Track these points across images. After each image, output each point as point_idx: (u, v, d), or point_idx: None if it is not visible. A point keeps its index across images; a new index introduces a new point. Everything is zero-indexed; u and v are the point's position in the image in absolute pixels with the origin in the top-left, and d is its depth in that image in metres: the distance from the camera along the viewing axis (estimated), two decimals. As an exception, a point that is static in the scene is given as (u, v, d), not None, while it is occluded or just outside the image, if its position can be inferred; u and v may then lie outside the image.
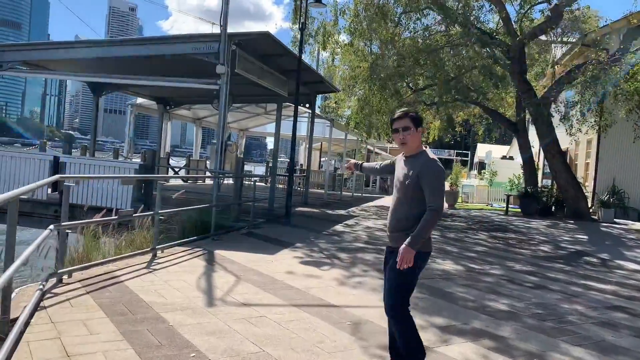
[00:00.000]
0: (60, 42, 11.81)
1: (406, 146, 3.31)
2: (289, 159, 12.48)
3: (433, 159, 3.24)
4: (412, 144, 3.29)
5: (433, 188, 3.15)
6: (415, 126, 3.28)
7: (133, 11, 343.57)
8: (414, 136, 3.27)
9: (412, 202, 3.22)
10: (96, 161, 11.46)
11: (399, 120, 3.31)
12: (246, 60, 11.95)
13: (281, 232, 10.40)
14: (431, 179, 3.17)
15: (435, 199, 3.14)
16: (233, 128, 28.82)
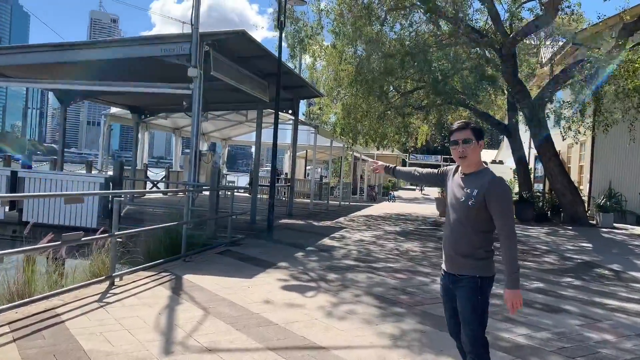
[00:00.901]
0: (18, 46, 10.82)
1: (465, 160, 3.00)
2: (271, 167, 11.54)
3: (500, 177, 2.93)
4: (472, 158, 2.99)
5: (503, 210, 2.88)
6: (477, 139, 3.00)
7: (115, 22, 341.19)
8: (475, 150, 2.99)
9: (475, 224, 2.92)
10: (57, 175, 10.43)
11: (460, 132, 3.03)
12: (221, 62, 11.01)
13: (262, 249, 9.44)
14: (501, 200, 2.88)
15: (508, 221, 2.88)
16: (215, 137, 27.81)
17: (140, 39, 10.44)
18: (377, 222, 16.43)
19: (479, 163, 3.00)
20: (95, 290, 5.86)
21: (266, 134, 28.05)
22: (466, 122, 3.09)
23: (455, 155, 3.03)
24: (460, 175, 3.06)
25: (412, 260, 9.07)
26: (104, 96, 15.93)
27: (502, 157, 34.27)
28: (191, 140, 10.48)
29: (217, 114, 21.62)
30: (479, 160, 3.00)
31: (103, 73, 11.75)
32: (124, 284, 6.26)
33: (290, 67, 13.96)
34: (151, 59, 11.02)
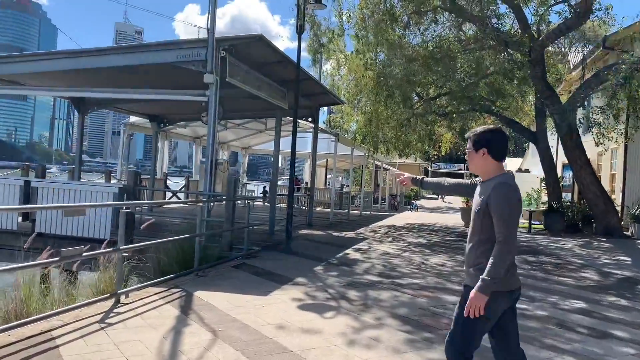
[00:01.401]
0: (33, 54, 10.62)
1: (473, 171, 3.03)
2: (289, 177, 11.10)
3: (504, 182, 2.81)
4: (475, 168, 2.99)
5: (500, 215, 2.75)
6: (475, 148, 2.94)
7: (140, 34, 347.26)
8: (475, 159, 2.95)
9: (481, 233, 2.85)
10: (70, 185, 10.16)
11: (466, 143, 3.09)
12: (238, 68, 10.65)
13: (279, 262, 8.98)
14: (498, 204, 2.76)
15: (503, 228, 2.73)
16: (235, 146, 27.57)
17: (156, 45, 10.14)
18: (400, 232, 15.86)
19: (490, 171, 2.91)
20: (99, 308, 5.46)
21: (286, 142, 27.84)
22: (471, 132, 3.06)
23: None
24: (479, 184, 3.04)
25: (440, 275, 8.50)
26: (122, 105, 15.73)
27: (528, 165, 33.30)
28: (207, 148, 10.11)
29: (237, 123, 21.37)
30: (488, 168, 2.92)
31: (118, 81, 11.51)
32: (131, 301, 5.85)
33: (311, 73, 13.57)
34: (167, 66, 10.72)
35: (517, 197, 2.79)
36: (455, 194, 3.54)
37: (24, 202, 10.28)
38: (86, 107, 14.78)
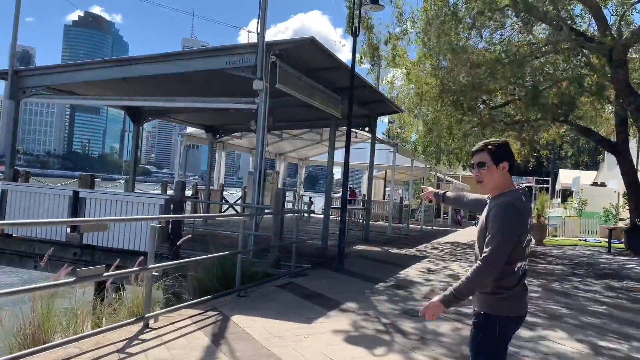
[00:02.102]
0: (83, 63, 10.51)
1: (483, 185, 2.79)
2: (342, 189, 10.38)
3: (508, 201, 2.61)
4: (489, 183, 2.75)
5: (492, 231, 2.56)
6: (495, 161, 2.72)
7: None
8: (492, 174, 2.72)
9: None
10: (117, 196, 9.90)
11: (476, 154, 2.82)
12: (289, 74, 10.10)
13: (329, 282, 8.25)
14: (493, 220, 2.59)
15: (490, 244, 2.52)
16: (292, 157, 27.27)
17: (204, 51, 9.77)
18: (464, 250, 14.75)
19: (502, 186, 2.73)
20: (124, 334, 4.93)
21: (343, 153, 27.19)
22: (485, 143, 2.81)
23: (474, 180, 2.84)
24: (489, 200, 2.82)
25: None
26: (176, 115, 15.62)
27: (604, 178, 30.95)
28: (255, 158, 9.59)
29: (294, 134, 20.95)
30: (502, 184, 2.73)
31: (168, 90, 11.25)
32: (160, 325, 5.29)
33: (367, 80, 12.86)
34: (216, 73, 10.35)
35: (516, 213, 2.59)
36: (473, 209, 3.29)
37: (72, 213, 10.11)
38: (141, 117, 14.72)
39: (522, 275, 2.63)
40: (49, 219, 10.25)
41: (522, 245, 2.61)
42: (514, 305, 2.63)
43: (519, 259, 2.61)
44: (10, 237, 10.68)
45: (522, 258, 2.63)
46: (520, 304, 2.66)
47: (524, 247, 2.62)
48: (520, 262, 2.62)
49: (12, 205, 10.58)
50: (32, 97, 11.05)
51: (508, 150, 2.78)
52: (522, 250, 2.62)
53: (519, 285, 2.62)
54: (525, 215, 2.63)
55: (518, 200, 2.62)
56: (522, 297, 2.66)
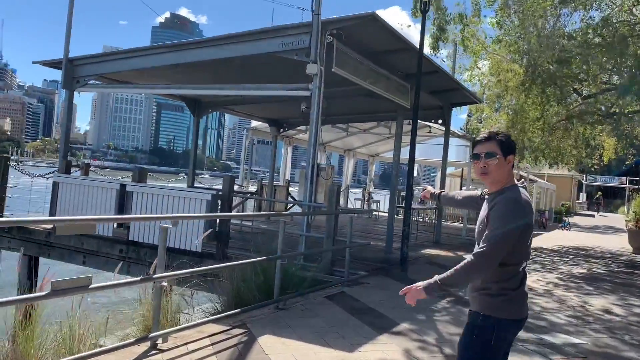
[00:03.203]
0: (133, 50, 9.99)
1: (488, 178, 2.58)
2: (406, 186, 9.18)
3: (515, 197, 2.46)
4: (495, 175, 2.55)
5: (495, 226, 2.41)
6: (504, 153, 2.55)
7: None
8: (501, 166, 2.54)
9: None
10: (164, 190, 9.28)
11: (483, 144, 2.60)
12: (348, 57, 9.03)
13: (387, 294, 7.12)
14: (498, 215, 2.43)
15: (490, 239, 2.39)
16: (361, 153, 26.15)
17: (255, 33, 8.89)
18: (550, 257, 13.04)
19: (505, 181, 2.55)
20: (124, 356, 4.11)
21: (417, 149, 25.65)
22: (493, 133, 2.63)
23: (476, 172, 2.64)
24: (487, 196, 2.67)
25: (611, 330, 6.04)
26: (237, 107, 14.99)
27: None
28: (308, 150, 8.61)
29: (363, 128, 19.86)
30: (506, 179, 2.56)
31: (220, 78, 10.54)
32: (169, 347, 4.43)
33: (440, 65, 11.52)
34: (270, 59, 9.47)
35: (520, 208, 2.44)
36: (467, 207, 3.16)
37: (119, 207, 9.65)
38: (201, 109, 14.22)
39: (525, 276, 2.53)
40: (97, 212, 9.87)
41: (527, 244, 2.50)
42: (518, 307, 2.53)
43: (525, 258, 2.52)
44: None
45: (528, 257, 2.55)
46: (523, 306, 2.56)
47: (530, 245, 2.53)
48: (526, 261, 2.53)
49: (63, 198, 10.31)
50: (85, 87, 10.72)
51: (514, 143, 2.65)
52: (527, 249, 2.52)
53: (522, 286, 2.51)
54: (531, 212, 2.49)
55: (524, 196, 2.50)
56: (524, 299, 2.56)
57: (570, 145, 17.32)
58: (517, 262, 2.47)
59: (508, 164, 2.56)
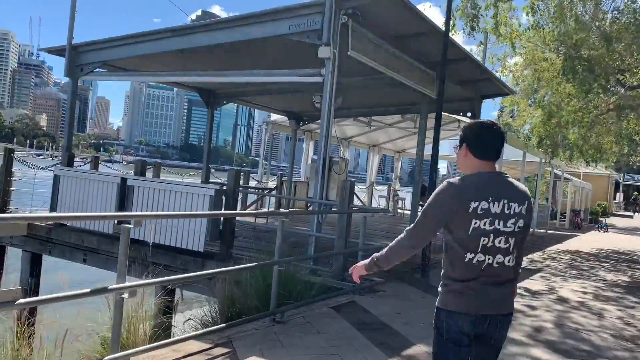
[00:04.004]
0: (136, 35, 9.36)
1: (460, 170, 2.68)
2: (429, 184, 8.26)
3: (448, 179, 2.44)
4: (459, 166, 2.61)
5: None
6: (460, 143, 2.54)
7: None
8: (459, 157, 2.54)
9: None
10: (165, 185, 8.61)
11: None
12: (366, 39, 8.19)
13: (403, 304, 6.29)
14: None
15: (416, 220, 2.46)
16: (387, 150, 25.23)
17: (264, 14, 8.11)
18: (588, 262, 11.96)
19: (465, 171, 2.52)
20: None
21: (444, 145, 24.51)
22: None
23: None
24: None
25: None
26: (253, 99, 14.29)
27: None
28: (319, 142, 7.81)
29: (388, 122, 18.94)
30: (464, 169, 2.52)
31: (229, 66, 9.82)
32: (134, 371, 3.71)
33: (469, 51, 10.54)
34: (282, 43, 8.72)
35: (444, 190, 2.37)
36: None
37: (120, 202, 9.04)
38: (215, 101, 13.57)
39: (481, 270, 2.32)
40: (97, 207, 9.30)
41: (467, 232, 2.30)
42: (468, 301, 2.34)
43: (471, 249, 2.32)
44: (63, 226, 9.88)
45: (475, 250, 2.31)
46: (474, 300, 2.33)
47: (477, 236, 2.31)
48: (473, 253, 2.32)
49: (64, 192, 9.78)
50: (89, 75, 10.15)
51: (474, 131, 2.49)
52: (472, 240, 2.31)
53: (474, 280, 2.33)
54: (466, 195, 2.31)
55: (467, 180, 2.39)
56: (479, 294, 2.34)
57: (610, 142, 16.09)
58: (458, 251, 2.34)
59: (461, 153, 2.50)
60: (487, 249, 2.32)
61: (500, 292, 2.38)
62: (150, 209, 8.66)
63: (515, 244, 2.38)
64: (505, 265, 2.36)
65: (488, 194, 2.32)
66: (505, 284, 2.40)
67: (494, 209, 2.32)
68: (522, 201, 2.40)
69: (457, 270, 2.37)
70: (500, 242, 2.33)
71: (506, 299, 2.42)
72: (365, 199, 24.17)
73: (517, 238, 2.39)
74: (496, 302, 2.37)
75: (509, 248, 2.35)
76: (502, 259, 2.35)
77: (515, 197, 2.38)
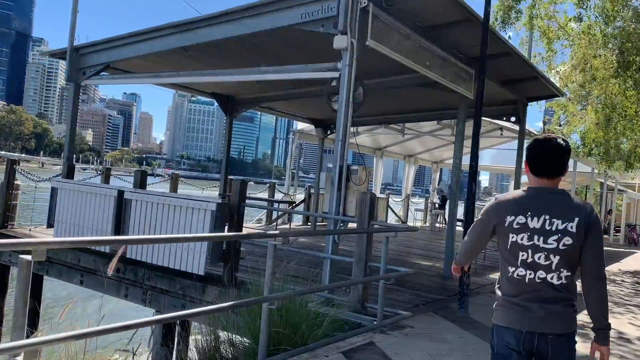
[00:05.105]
0: (137, 33, 8.49)
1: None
2: (467, 196, 6.96)
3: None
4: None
5: None
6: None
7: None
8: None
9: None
10: (164, 199, 7.63)
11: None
12: (390, 28, 7.02)
13: (435, 346, 5.03)
14: None
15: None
16: (423, 160, 23.87)
17: (274, 2, 7.06)
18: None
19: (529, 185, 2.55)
20: None
21: (486, 154, 22.89)
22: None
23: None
24: None
25: None
26: (274, 105, 13.30)
27: None
28: (335, 147, 6.66)
29: (425, 131, 17.67)
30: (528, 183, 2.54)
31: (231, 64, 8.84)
32: None
33: (513, 45, 9.21)
34: (295, 37, 7.68)
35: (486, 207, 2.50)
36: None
37: (117, 216, 8.13)
38: (234, 107, 12.63)
39: (524, 285, 2.30)
40: (93, 222, 8.43)
41: (506, 247, 2.35)
42: (509, 314, 2.35)
43: (512, 263, 2.34)
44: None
45: (515, 264, 2.33)
46: (517, 316, 2.31)
47: (515, 250, 2.32)
48: (514, 267, 2.33)
49: (62, 205, 8.97)
50: (92, 79, 9.34)
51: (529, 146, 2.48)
52: (512, 254, 2.34)
53: (518, 296, 2.32)
54: (503, 209, 2.37)
55: (512, 194, 2.45)
56: (522, 309, 2.30)
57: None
58: (504, 264, 2.40)
59: (526, 170, 2.48)
60: (528, 264, 2.31)
61: (547, 310, 2.29)
62: (148, 224, 7.74)
63: (561, 262, 2.27)
64: (549, 282, 2.29)
65: (527, 209, 2.30)
66: (555, 303, 2.29)
67: (532, 224, 2.29)
68: (570, 218, 2.26)
69: (503, 284, 2.40)
70: (540, 258, 2.29)
71: (556, 318, 2.28)
72: (401, 213, 22.84)
73: (564, 256, 2.27)
74: (543, 320, 2.28)
75: (550, 265, 2.28)
76: (544, 275, 2.29)
77: (561, 214, 2.27)
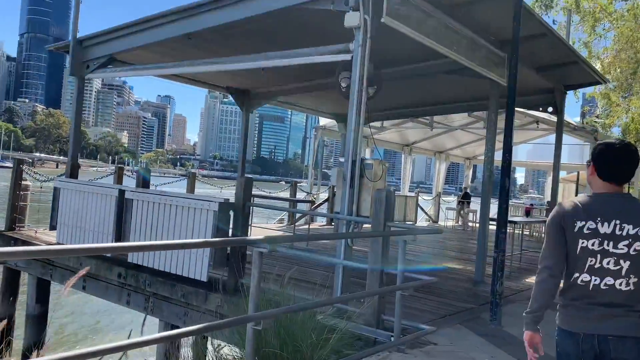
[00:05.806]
0: (139, 21, 7.96)
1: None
2: (500, 195, 6.12)
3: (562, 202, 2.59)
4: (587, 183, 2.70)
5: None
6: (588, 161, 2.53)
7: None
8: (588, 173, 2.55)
9: None
10: (166, 198, 7.05)
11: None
12: (409, 4, 6.24)
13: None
14: None
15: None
16: (455, 157, 22.86)
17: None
18: None
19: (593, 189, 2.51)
20: None
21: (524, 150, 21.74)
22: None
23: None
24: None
25: None
26: (291, 99, 12.63)
27: None
28: (347, 139, 5.94)
29: (456, 125, 16.77)
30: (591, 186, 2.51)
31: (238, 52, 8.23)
32: None
33: (550, 26, 8.30)
34: (298, 18, 7.01)
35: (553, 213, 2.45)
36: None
37: (118, 217, 7.61)
38: (250, 102, 12.03)
39: (588, 291, 2.31)
40: (95, 223, 7.95)
41: (575, 252, 2.33)
42: (568, 317, 2.39)
43: (578, 269, 2.34)
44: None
45: (581, 270, 2.33)
46: (576, 319, 2.34)
47: (585, 256, 2.32)
48: (579, 273, 2.34)
49: (64, 205, 8.54)
50: (96, 72, 8.86)
51: (600, 150, 2.44)
52: (580, 259, 2.33)
53: (580, 300, 2.34)
54: (572, 214, 2.34)
55: (578, 199, 2.41)
56: (582, 312, 2.33)
57: None
58: (569, 269, 2.38)
59: (590, 173, 2.47)
60: (595, 270, 2.30)
61: (610, 313, 2.26)
62: (149, 225, 7.18)
63: (631, 267, 2.25)
64: (617, 289, 2.27)
65: (597, 214, 2.30)
66: (622, 307, 2.25)
67: (602, 229, 2.28)
68: None
69: (567, 288, 2.40)
70: (609, 263, 2.28)
71: (620, 321, 2.23)
72: (432, 212, 21.92)
73: (634, 261, 2.25)
74: (604, 322, 2.25)
75: (620, 271, 2.26)
76: (612, 281, 2.28)
77: (632, 219, 2.26)
